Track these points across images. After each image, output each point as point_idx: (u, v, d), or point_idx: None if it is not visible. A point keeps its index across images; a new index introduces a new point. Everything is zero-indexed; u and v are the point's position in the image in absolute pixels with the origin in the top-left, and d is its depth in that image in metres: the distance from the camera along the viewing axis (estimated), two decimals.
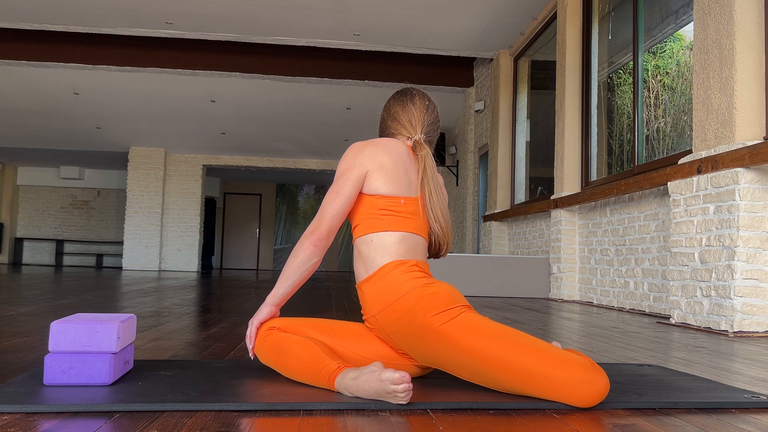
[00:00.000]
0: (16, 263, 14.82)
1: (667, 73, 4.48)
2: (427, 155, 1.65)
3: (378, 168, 1.57)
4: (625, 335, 2.90)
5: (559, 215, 5.47)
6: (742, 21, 3.21)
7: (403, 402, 1.30)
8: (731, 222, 3.12)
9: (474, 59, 8.53)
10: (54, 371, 1.39)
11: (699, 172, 3.38)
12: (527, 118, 7.27)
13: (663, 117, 4.44)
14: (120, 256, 15.02)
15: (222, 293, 5.38)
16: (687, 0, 4.19)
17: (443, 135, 9.78)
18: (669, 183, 3.67)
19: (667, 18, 4.49)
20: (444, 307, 1.43)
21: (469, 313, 1.44)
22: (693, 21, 3.63)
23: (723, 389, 1.57)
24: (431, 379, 1.58)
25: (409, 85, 1.84)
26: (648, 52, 4.66)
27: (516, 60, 7.40)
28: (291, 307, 3.99)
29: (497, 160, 7.38)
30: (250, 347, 1.60)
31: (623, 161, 4.96)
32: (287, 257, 16.09)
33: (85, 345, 1.40)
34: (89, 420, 1.17)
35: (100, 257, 15.53)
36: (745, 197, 3.08)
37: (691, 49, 3.86)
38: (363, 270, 1.56)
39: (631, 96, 4.75)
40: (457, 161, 9.56)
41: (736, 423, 1.27)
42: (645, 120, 4.61)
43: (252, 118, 10.34)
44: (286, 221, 16.81)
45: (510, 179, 7.36)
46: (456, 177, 9.56)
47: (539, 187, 6.80)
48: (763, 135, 3.17)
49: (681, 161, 3.58)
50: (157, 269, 12.65)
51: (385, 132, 1.76)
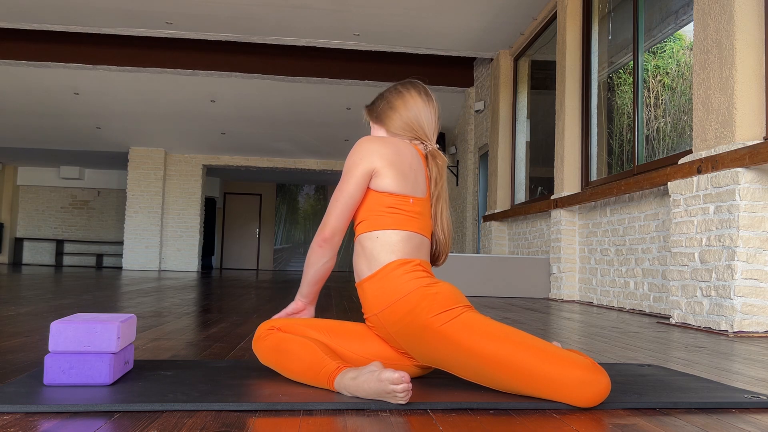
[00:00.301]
0: (16, 263, 14.82)
1: (667, 73, 4.48)
2: (444, 165, 1.66)
3: (387, 165, 1.54)
4: (625, 335, 2.90)
5: (559, 215, 5.47)
6: (742, 21, 3.21)
7: (403, 402, 1.30)
8: (731, 222, 3.12)
9: (474, 59, 8.53)
10: (54, 371, 1.39)
11: (699, 172, 3.38)
12: (527, 118, 7.27)
13: (663, 117, 4.44)
14: (120, 256, 15.02)
15: (222, 293, 5.38)
16: (687, 0, 4.19)
17: (443, 135, 9.78)
18: (669, 183, 3.67)
19: (667, 18, 4.49)
20: (445, 308, 1.43)
21: (470, 313, 1.44)
22: (693, 21, 3.63)
23: (723, 389, 1.57)
24: (431, 379, 1.58)
25: (418, 81, 1.75)
26: (648, 52, 4.66)
27: (516, 60, 7.40)
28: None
29: (497, 160, 7.38)
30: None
31: (623, 161, 4.96)
32: (287, 257, 15.94)
33: (85, 345, 1.40)
34: (89, 420, 1.17)
35: (100, 257, 15.53)
36: (745, 197, 3.08)
37: (691, 49, 3.86)
38: (366, 267, 1.53)
39: (631, 96, 4.75)
40: (457, 161, 9.56)
41: (736, 423, 1.27)
42: (645, 120, 4.61)
43: (252, 118, 10.34)
44: (286, 221, 16.81)
45: (510, 179, 7.36)
46: (456, 177, 9.56)
47: (539, 187, 6.80)
48: (763, 135, 3.17)
49: (681, 161, 3.58)
50: (157, 269, 12.65)
51: (394, 122, 1.67)
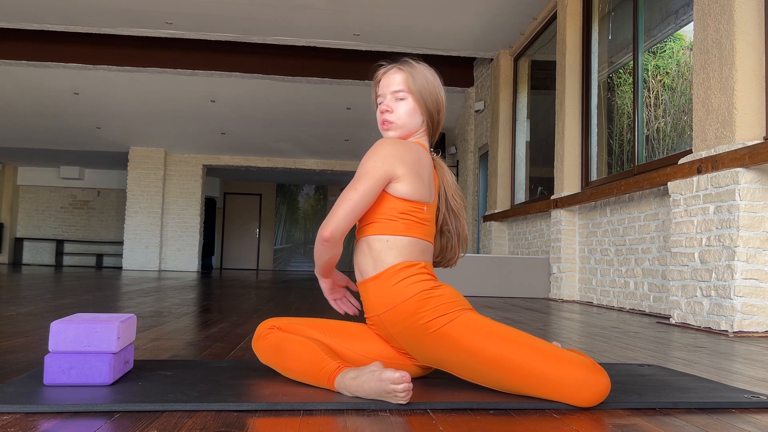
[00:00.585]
0: (16, 263, 14.82)
1: (667, 73, 4.48)
2: (453, 177, 1.69)
3: (409, 172, 1.50)
4: (625, 335, 2.90)
5: (559, 215, 5.47)
6: (742, 21, 3.21)
7: (403, 402, 1.30)
8: (731, 222, 3.12)
9: (474, 59, 8.53)
10: (54, 371, 1.39)
11: (699, 172, 3.38)
12: (527, 118, 7.27)
13: (663, 117, 4.44)
14: (120, 256, 15.02)
15: (222, 293, 5.38)
16: (687, 0, 4.19)
17: (443, 135, 9.78)
18: (669, 183, 3.67)
19: (667, 18, 4.49)
20: (447, 310, 1.43)
21: (471, 314, 1.44)
22: (693, 21, 3.63)
23: (723, 389, 1.57)
24: (431, 379, 1.58)
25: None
26: (648, 52, 4.66)
27: (516, 60, 7.40)
28: (291, 307, 3.99)
29: (497, 160, 7.38)
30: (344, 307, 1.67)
31: (623, 161, 4.96)
32: (287, 257, 15.91)
33: (85, 345, 1.40)
34: (89, 420, 1.17)
35: (100, 257, 15.53)
36: (745, 197, 3.08)
37: (691, 49, 3.86)
38: (371, 267, 1.51)
39: (631, 96, 4.75)
40: (457, 161, 9.56)
41: (736, 423, 1.27)
42: (645, 120, 4.61)
43: (252, 118, 10.34)
44: (286, 221, 16.81)
45: (510, 179, 7.36)
46: (456, 177, 9.55)
47: (539, 187, 6.80)
48: (763, 135, 3.17)
49: (681, 161, 3.58)
50: (157, 269, 12.65)
51: (433, 127, 1.65)
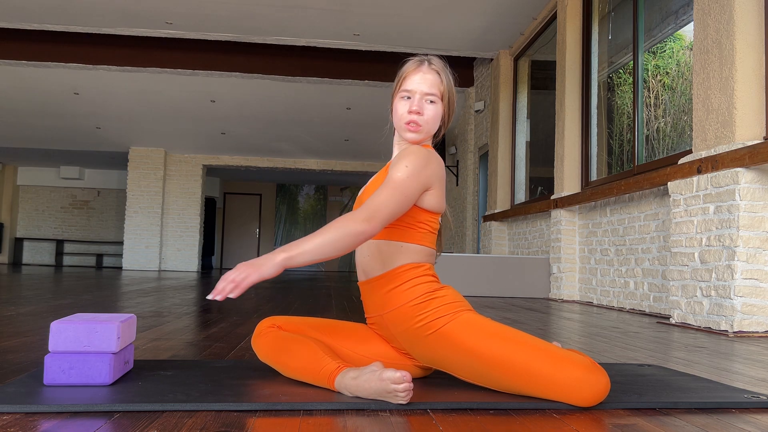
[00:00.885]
0: (16, 263, 14.82)
1: (667, 73, 4.48)
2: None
3: (439, 186, 1.51)
4: (625, 335, 2.90)
5: (559, 215, 5.47)
6: (742, 21, 3.21)
7: (403, 402, 1.30)
8: (731, 222, 3.12)
9: (474, 59, 8.53)
10: (54, 371, 1.39)
11: (699, 172, 3.38)
12: (527, 118, 7.27)
13: (663, 117, 4.44)
14: (120, 256, 15.02)
15: None
16: (687, 0, 4.19)
17: (443, 135, 9.78)
18: (669, 183, 3.67)
19: (667, 18, 4.49)
20: (448, 311, 1.44)
21: (471, 314, 1.45)
22: (693, 21, 3.63)
23: (723, 389, 1.57)
24: (431, 379, 1.58)
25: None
26: (648, 52, 4.66)
27: (516, 60, 7.40)
28: (291, 307, 3.99)
29: (497, 160, 7.38)
30: (227, 290, 1.27)
31: (623, 161, 4.96)
32: None
33: (85, 345, 1.40)
34: (89, 420, 1.17)
35: (100, 257, 15.53)
36: (745, 197, 3.08)
37: (691, 49, 3.86)
38: (379, 268, 1.51)
39: (631, 96, 4.75)
40: (457, 161, 9.56)
41: (736, 423, 1.27)
42: (645, 120, 4.61)
43: (252, 118, 10.34)
44: (286, 221, 16.81)
45: (510, 179, 7.36)
46: (456, 177, 9.56)
47: (539, 187, 6.80)
48: (763, 135, 3.17)
49: (681, 161, 3.58)
50: (157, 269, 12.65)
51: (438, 134, 1.64)
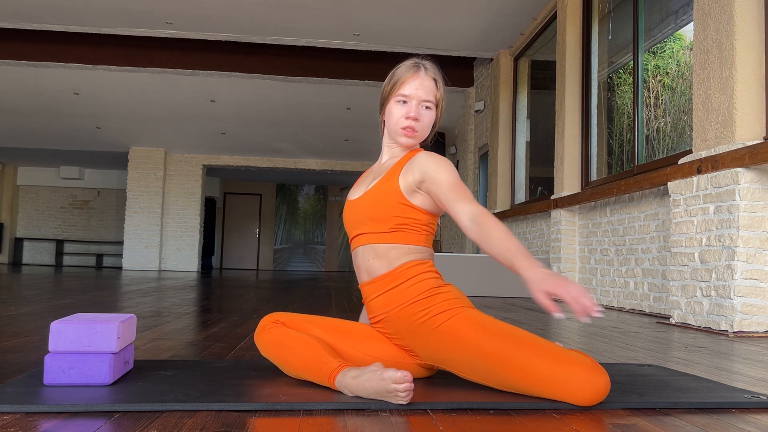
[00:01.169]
0: (16, 263, 14.82)
1: (667, 73, 4.48)
2: None
3: None
4: (625, 335, 2.90)
5: (559, 215, 5.47)
6: (742, 21, 3.21)
7: (404, 402, 1.30)
8: (731, 222, 3.12)
9: (474, 59, 8.53)
10: (54, 371, 1.39)
11: (699, 172, 3.38)
12: (527, 118, 7.27)
13: (663, 117, 4.44)
14: (120, 256, 15.01)
15: (222, 293, 5.38)
16: (687, 0, 4.19)
17: (443, 135, 9.79)
18: (669, 183, 3.67)
19: (667, 18, 4.49)
20: (452, 305, 1.47)
21: (474, 311, 1.47)
22: (693, 21, 3.63)
23: (723, 389, 1.57)
24: (431, 379, 1.58)
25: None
26: (648, 52, 4.66)
27: (516, 60, 7.40)
28: (291, 307, 3.99)
29: (497, 160, 7.38)
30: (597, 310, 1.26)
31: (623, 161, 4.96)
32: (287, 257, 15.80)
33: (85, 345, 1.40)
34: (89, 420, 1.17)
35: (100, 257, 15.53)
36: (745, 197, 3.08)
37: (691, 49, 3.86)
38: (384, 268, 1.53)
39: (631, 96, 4.75)
40: (457, 161, 9.56)
41: (736, 423, 1.27)
42: (645, 120, 4.61)
43: (252, 118, 10.34)
44: (286, 221, 16.81)
45: (510, 179, 7.36)
46: None
47: (539, 187, 6.80)
48: (763, 135, 3.17)
49: (681, 161, 3.58)
50: (157, 269, 12.65)
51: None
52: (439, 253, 5.85)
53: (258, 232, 16.72)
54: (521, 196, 7.19)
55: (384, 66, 8.25)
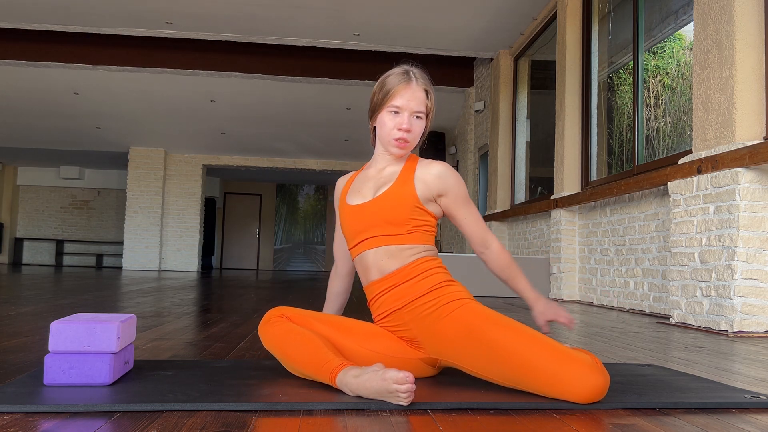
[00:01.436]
0: (16, 263, 14.82)
1: (667, 73, 4.48)
2: None
3: None
4: (625, 335, 2.90)
5: (559, 215, 5.47)
6: (742, 21, 3.21)
7: (404, 403, 1.30)
8: (731, 222, 3.12)
9: (474, 59, 8.53)
10: (54, 371, 1.39)
11: (699, 172, 3.38)
12: (527, 118, 7.27)
13: (663, 117, 4.44)
14: (120, 256, 15.01)
15: (222, 293, 5.38)
16: (687, 0, 4.19)
17: (443, 135, 9.79)
18: (669, 183, 3.67)
19: (667, 18, 4.49)
20: (461, 296, 1.53)
21: (480, 304, 1.52)
22: (693, 21, 3.63)
23: (723, 389, 1.57)
24: (432, 379, 1.58)
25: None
26: (648, 52, 4.66)
27: (516, 60, 7.40)
28: (291, 306, 3.98)
29: (497, 160, 7.38)
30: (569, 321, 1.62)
31: (623, 161, 4.96)
32: (287, 257, 15.82)
33: (85, 345, 1.40)
34: (89, 420, 1.17)
35: (100, 257, 15.53)
36: (745, 197, 3.08)
37: (691, 49, 3.86)
38: (397, 264, 1.58)
39: (631, 96, 4.75)
40: (457, 161, 9.56)
41: (736, 423, 1.27)
42: (645, 120, 4.61)
43: (252, 118, 10.34)
44: (286, 221, 16.81)
45: (510, 179, 7.36)
46: None
47: (539, 187, 6.80)
48: (763, 135, 3.17)
49: (681, 161, 3.58)
50: (157, 269, 12.65)
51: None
52: (440, 253, 5.85)
53: (258, 232, 16.72)
54: (521, 196, 7.19)
55: (384, 66, 8.17)
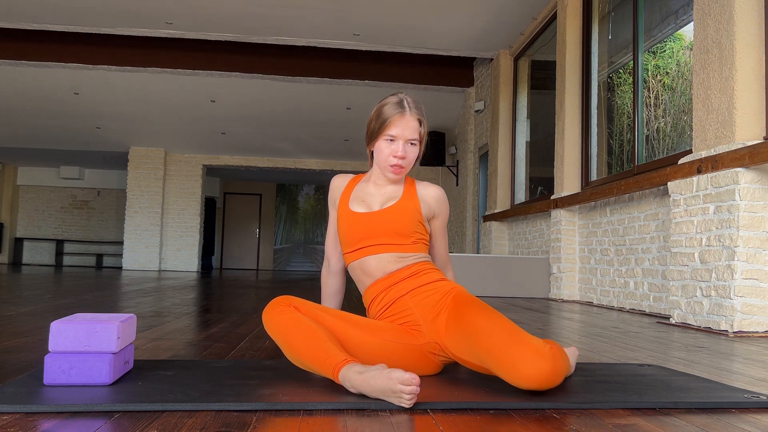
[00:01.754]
0: (16, 263, 14.82)
1: (667, 73, 4.48)
2: None
3: None
4: (625, 335, 2.90)
5: (559, 215, 5.47)
6: (742, 21, 3.21)
7: (406, 405, 1.29)
8: (731, 222, 3.12)
9: (474, 59, 8.53)
10: (54, 371, 1.39)
11: (699, 172, 3.38)
12: (527, 118, 7.27)
13: (663, 117, 4.44)
14: (120, 256, 15.00)
15: (222, 293, 5.38)
16: (687, 0, 4.19)
17: (443, 135, 9.79)
18: (669, 183, 3.67)
19: (667, 18, 4.50)
20: (456, 286, 1.72)
21: (468, 293, 1.69)
22: (693, 21, 3.63)
23: (723, 389, 1.57)
24: (432, 379, 1.58)
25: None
26: (648, 52, 4.66)
27: (516, 60, 7.40)
28: None
29: (497, 160, 7.38)
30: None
31: (623, 161, 4.96)
32: (287, 257, 15.82)
33: (85, 345, 1.40)
34: (89, 420, 1.17)
35: (100, 257, 15.53)
36: (745, 197, 3.08)
37: (691, 49, 3.86)
38: (402, 265, 1.75)
39: (631, 96, 4.75)
40: (457, 161, 9.56)
41: (736, 423, 1.27)
42: (645, 120, 4.61)
43: (252, 118, 10.34)
44: (286, 221, 16.80)
45: (510, 179, 7.36)
46: (456, 177, 9.56)
47: (539, 187, 6.80)
48: (763, 135, 3.17)
49: (681, 161, 3.58)
50: (157, 269, 12.65)
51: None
52: None
53: (258, 232, 16.72)
54: (521, 196, 7.19)
55: (384, 66, 8.26)
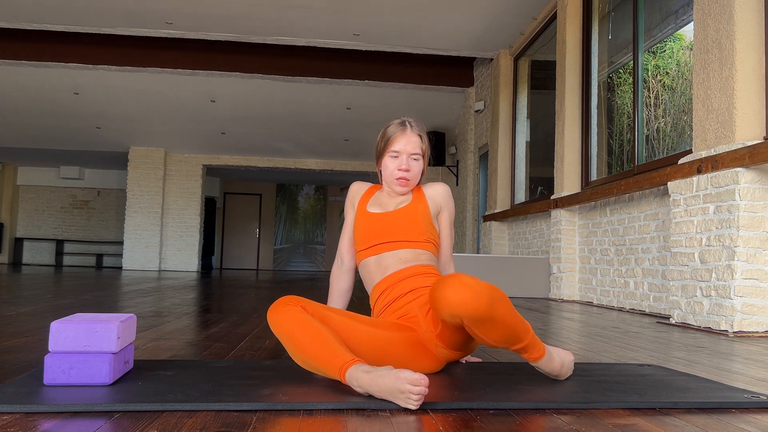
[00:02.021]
0: (16, 263, 14.82)
1: (667, 73, 4.48)
2: None
3: None
4: (625, 335, 2.90)
5: (559, 215, 5.47)
6: (742, 21, 3.21)
7: (412, 407, 1.29)
8: (731, 222, 3.12)
9: (474, 59, 8.53)
10: (54, 371, 1.39)
11: (699, 172, 3.38)
12: (527, 118, 7.27)
13: (663, 117, 4.44)
14: (120, 256, 15.00)
15: (222, 293, 5.38)
16: (687, 0, 4.19)
17: (443, 135, 9.79)
18: (669, 183, 3.67)
19: (667, 18, 4.50)
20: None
21: None
22: (693, 21, 3.63)
23: (723, 389, 1.57)
24: (431, 379, 1.58)
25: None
26: (648, 52, 4.66)
27: (516, 60, 7.40)
28: None
29: (497, 160, 7.38)
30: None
31: (623, 161, 4.96)
32: (287, 257, 15.84)
33: (85, 345, 1.40)
34: (89, 420, 1.17)
35: (100, 257, 15.53)
36: (745, 197, 3.08)
37: (691, 49, 3.86)
38: (416, 261, 1.84)
39: (631, 96, 4.75)
40: (457, 161, 9.56)
41: (736, 423, 1.27)
42: (645, 120, 4.61)
43: (252, 118, 10.34)
44: (286, 221, 16.80)
45: (510, 179, 7.36)
46: (456, 177, 9.56)
47: (539, 187, 6.80)
48: (763, 135, 3.17)
49: (681, 161, 3.58)
50: (157, 269, 12.65)
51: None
52: None
53: (258, 232, 16.72)
54: (521, 196, 7.19)
55: (384, 66, 8.26)
